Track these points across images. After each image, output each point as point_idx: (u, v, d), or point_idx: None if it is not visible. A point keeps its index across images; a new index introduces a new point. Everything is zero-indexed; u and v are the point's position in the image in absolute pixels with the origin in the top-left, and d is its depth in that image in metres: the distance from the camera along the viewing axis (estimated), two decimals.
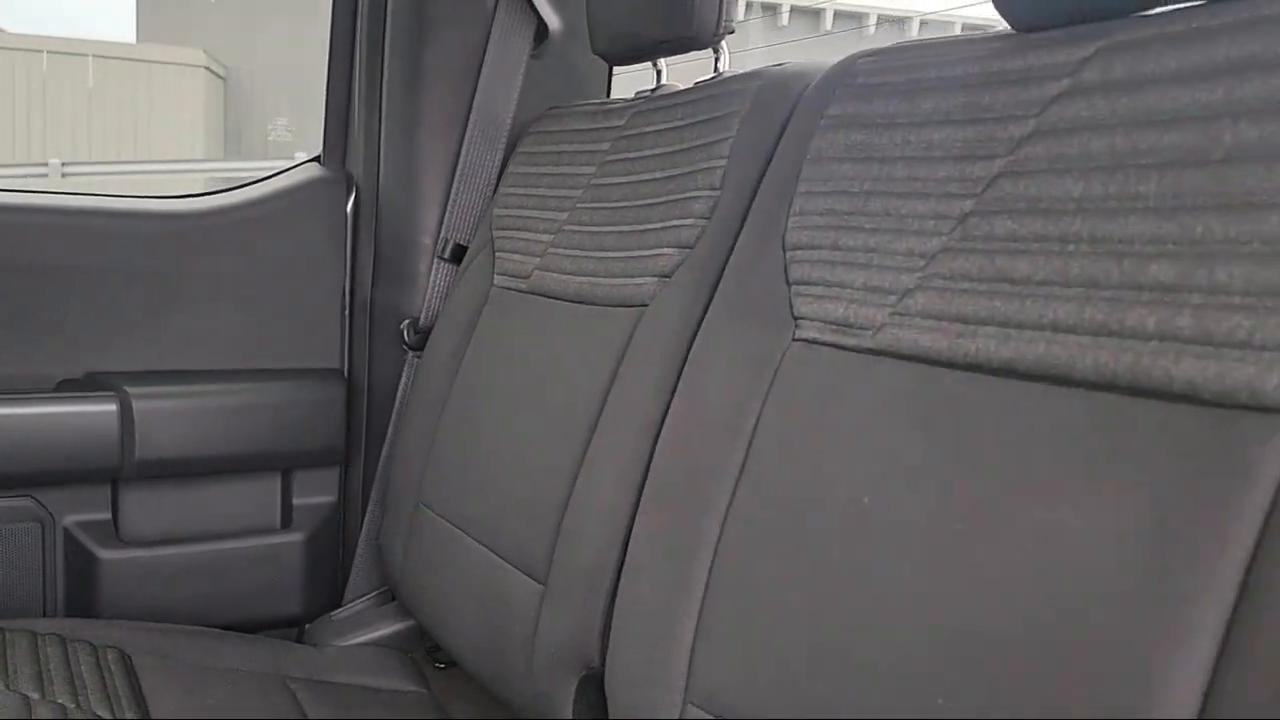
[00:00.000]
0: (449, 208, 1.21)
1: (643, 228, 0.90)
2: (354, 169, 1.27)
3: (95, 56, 10.11)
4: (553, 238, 1.03)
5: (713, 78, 0.96)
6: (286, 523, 1.23)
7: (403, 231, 1.23)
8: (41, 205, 1.13)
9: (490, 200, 1.19)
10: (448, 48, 1.20)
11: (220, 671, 1.00)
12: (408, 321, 1.22)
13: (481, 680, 0.98)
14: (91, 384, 1.12)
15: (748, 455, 0.69)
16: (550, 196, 1.06)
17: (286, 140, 10.45)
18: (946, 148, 0.65)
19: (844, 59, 0.78)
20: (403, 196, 1.23)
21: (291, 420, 1.20)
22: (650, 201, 0.91)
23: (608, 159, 1.00)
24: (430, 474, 1.08)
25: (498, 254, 1.11)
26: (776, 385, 0.69)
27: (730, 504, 0.69)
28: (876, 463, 0.61)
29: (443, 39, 1.20)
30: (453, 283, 1.19)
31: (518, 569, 0.90)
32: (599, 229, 0.97)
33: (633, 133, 0.99)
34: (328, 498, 1.25)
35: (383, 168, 1.23)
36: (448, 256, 1.20)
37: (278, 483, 1.23)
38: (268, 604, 1.21)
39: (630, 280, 0.89)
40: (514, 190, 1.14)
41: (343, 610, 1.25)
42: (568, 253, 0.99)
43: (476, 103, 1.19)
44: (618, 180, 0.97)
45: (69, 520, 1.12)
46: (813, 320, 0.69)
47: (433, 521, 1.06)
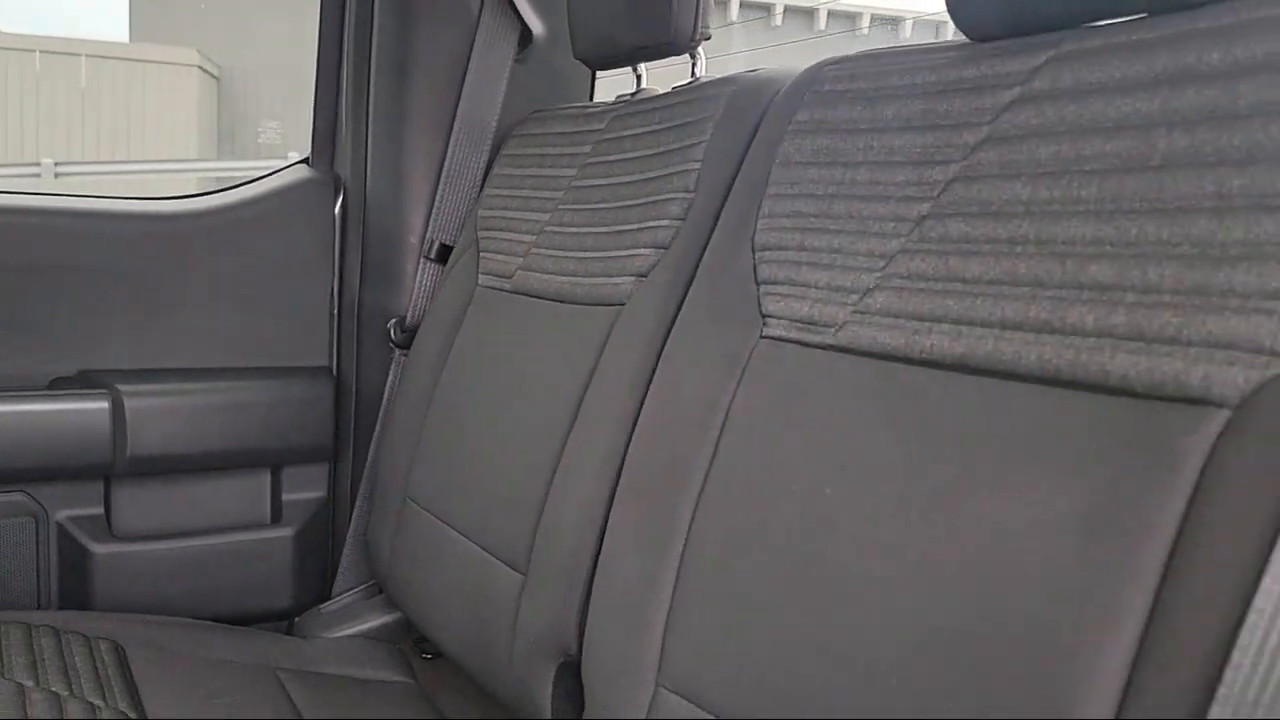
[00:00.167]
0: (435, 209, 1.23)
1: (621, 229, 0.93)
2: (342, 171, 1.29)
3: (88, 56, 10.10)
4: (535, 238, 1.05)
5: (689, 83, 0.99)
6: (276, 518, 1.26)
7: (390, 232, 1.26)
8: (35, 206, 1.15)
9: (475, 201, 1.21)
10: (433, 52, 1.22)
11: (211, 662, 1.03)
12: (395, 320, 1.24)
13: (466, 670, 1.00)
14: (84, 382, 1.15)
15: (717, 448, 0.72)
16: (533, 198, 1.09)
17: (276, 143, 10.45)
18: (906, 153, 0.68)
19: (812, 66, 0.81)
20: (390, 198, 1.26)
21: (281, 417, 1.23)
22: (628, 203, 0.94)
23: (588, 161, 1.03)
24: (417, 469, 1.11)
25: (482, 254, 1.13)
26: (745, 381, 0.72)
27: (700, 495, 0.72)
28: (837, 455, 0.63)
29: (428, 44, 1.22)
30: (439, 282, 1.21)
31: (500, 560, 0.93)
32: (579, 230, 0.99)
33: (612, 136, 1.01)
34: (317, 493, 1.28)
35: (370, 169, 1.26)
36: (434, 257, 1.23)
37: (268, 479, 1.26)
38: (258, 597, 1.24)
39: (609, 280, 0.91)
40: (498, 192, 1.16)
41: (331, 603, 1.27)
42: (549, 253, 1.02)
43: (462, 106, 1.22)
44: (598, 182, 1.00)
45: (62, 515, 1.14)
46: (779, 318, 0.72)
47: (419, 516, 1.08)
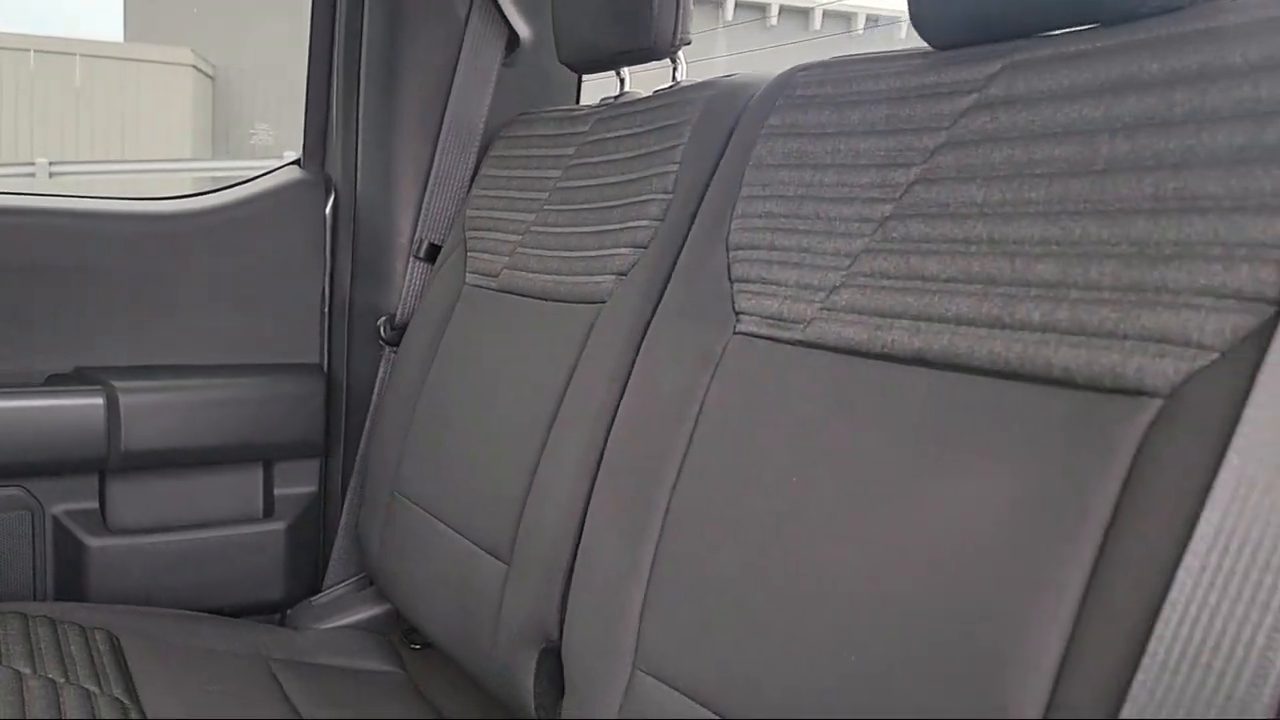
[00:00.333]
0: (424, 209, 1.26)
1: (603, 228, 0.96)
2: (333, 172, 1.32)
3: (83, 56, 10.09)
4: (521, 238, 1.08)
5: (670, 86, 1.01)
6: (268, 512, 1.28)
7: (380, 232, 1.28)
8: (30, 207, 1.18)
9: (463, 202, 1.24)
10: (422, 56, 1.25)
11: (204, 652, 1.05)
12: (384, 318, 1.27)
13: (453, 659, 1.03)
14: (79, 378, 1.17)
15: (691, 440, 0.75)
16: (519, 198, 1.11)
17: (268, 144, 10.45)
18: (871, 156, 0.70)
19: (784, 71, 0.83)
20: (380, 198, 1.28)
21: (273, 413, 1.25)
22: (610, 204, 0.96)
23: (572, 163, 1.05)
24: (405, 464, 1.13)
25: (470, 253, 1.16)
26: (718, 376, 0.75)
27: (675, 485, 0.75)
28: (804, 446, 0.66)
29: (417, 48, 1.25)
30: (427, 281, 1.24)
31: (485, 551, 0.96)
32: (564, 230, 1.02)
33: (596, 138, 1.04)
34: (308, 488, 1.30)
35: (361, 171, 1.28)
36: (423, 256, 1.26)
37: (260, 473, 1.28)
38: (250, 590, 1.26)
39: (591, 278, 0.94)
40: (485, 192, 1.19)
41: (322, 595, 1.30)
42: (535, 252, 1.04)
43: (450, 108, 1.24)
44: (581, 183, 1.02)
45: (58, 509, 1.17)
46: (751, 315, 0.74)
47: (407, 509, 1.11)
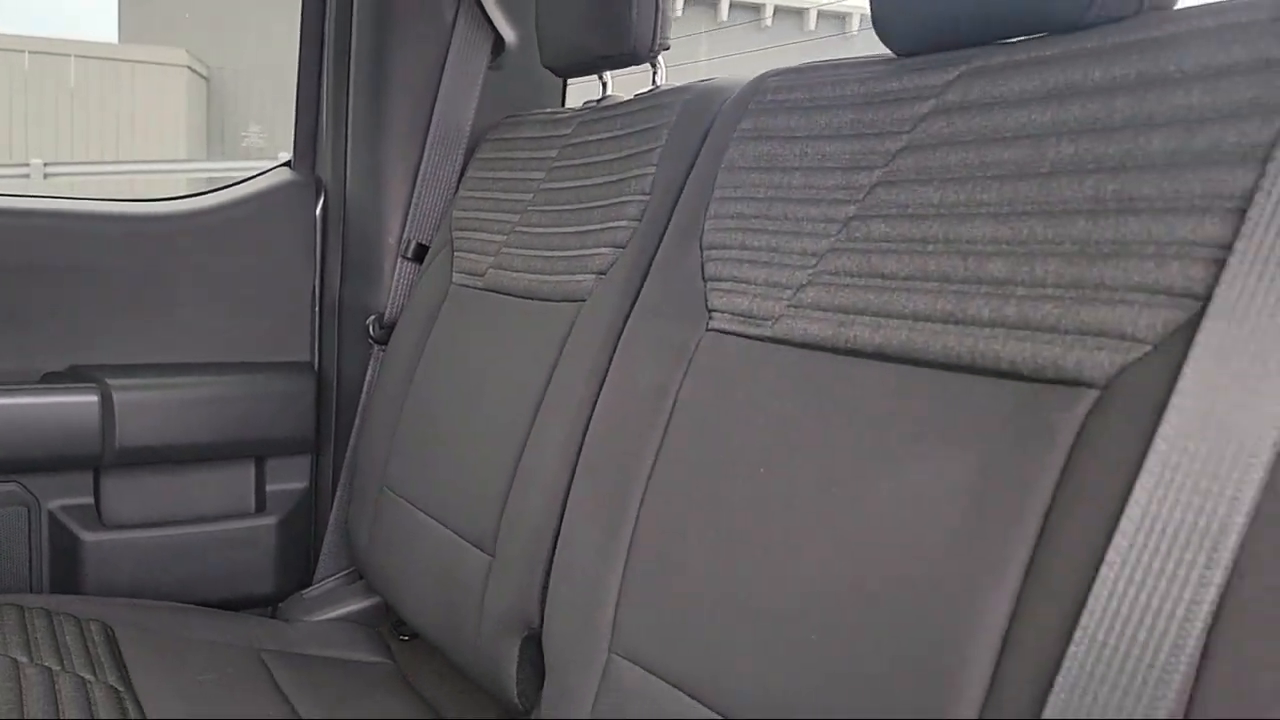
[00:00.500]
0: (412, 210, 1.28)
1: (584, 229, 0.98)
2: (323, 174, 1.34)
3: (77, 56, 10.09)
4: (506, 238, 1.11)
5: (649, 90, 1.04)
6: (260, 507, 1.31)
7: (369, 232, 1.31)
8: (26, 208, 1.20)
9: (450, 203, 1.27)
10: (410, 59, 1.28)
11: (197, 643, 1.07)
12: (373, 317, 1.29)
13: (440, 649, 1.05)
14: (74, 376, 1.19)
15: (666, 433, 0.77)
16: (504, 200, 1.14)
17: (260, 145, 10.47)
18: (836, 159, 0.73)
19: (756, 77, 0.86)
20: (369, 199, 1.31)
21: (264, 411, 1.28)
22: (591, 204, 0.99)
23: (555, 165, 1.08)
24: (394, 459, 1.16)
25: (456, 253, 1.18)
26: (691, 371, 0.78)
27: (650, 477, 0.77)
28: (771, 438, 0.69)
29: (405, 51, 1.27)
30: (415, 280, 1.27)
31: (469, 544, 0.98)
32: (547, 230, 1.04)
33: (578, 141, 1.07)
34: (299, 483, 1.33)
35: (350, 172, 1.31)
36: (411, 256, 1.28)
37: (252, 469, 1.31)
38: (243, 584, 1.29)
39: (572, 277, 0.97)
40: (472, 194, 1.21)
41: (313, 589, 1.32)
42: (519, 252, 1.07)
43: (437, 111, 1.27)
44: (564, 185, 1.05)
45: (54, 504, 1.19)
46: (723, 313, 0.77)
47: (396, 504, 1.14)
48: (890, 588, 0.57)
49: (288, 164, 1.37)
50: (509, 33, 1.30)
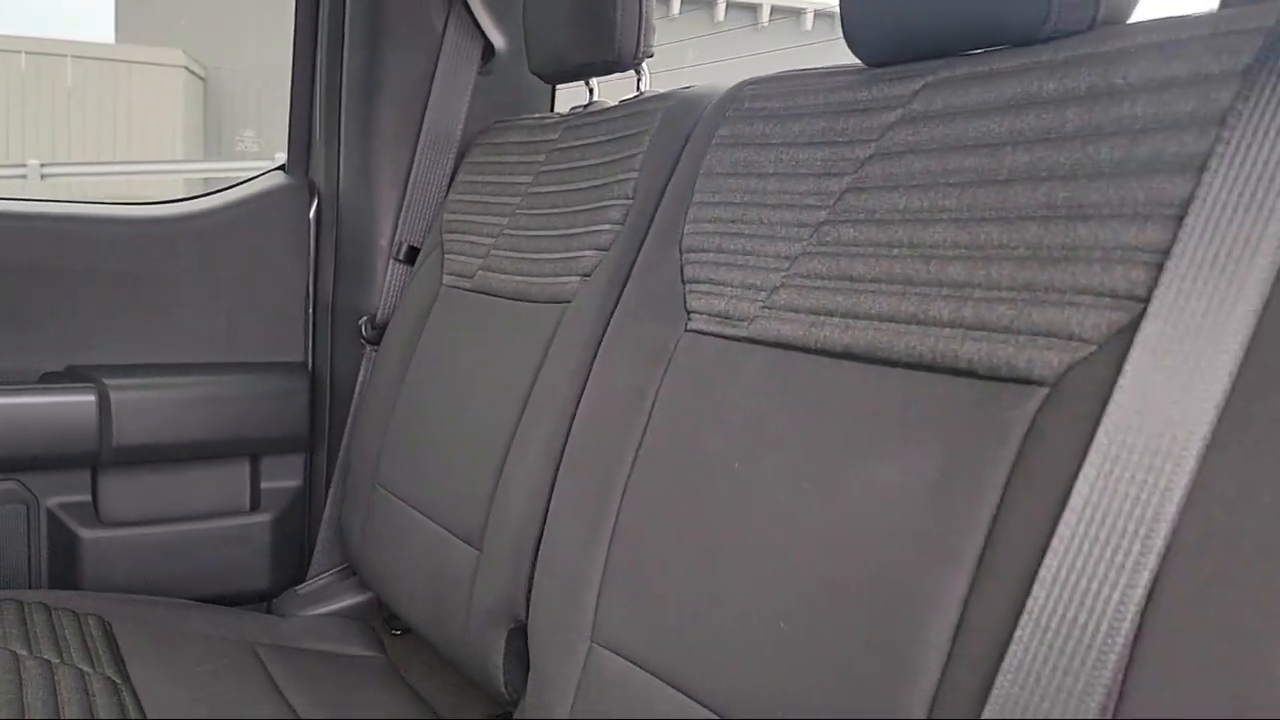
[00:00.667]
0: (403, 213, 1.31)
1: (569, 232, 1.01)
2: (316, 177, 1.37)
3: (74, 57, 10.10)
4: (495, 241, 1.13)
5: (634, 97, 1.07)
6: (255, 505, 1.33)
7: (361, 235, 1.34)
8: (26, 212, 1.23)
9: (440, 206, 1.29)
10: (401, 66, 1.30)
11: (192, 636, 1.10)
12: (366, 318, 1.32)
13: (431, 643, 1.08)
14: (72, 376, 1.22)
15: (645, 431, 0.80)
16: (493, 203, 1.17)
17: (254, 151, 10.50)
18: (809, 166, 0.76)
19: (734, 85, 0.89)
20: (361, 203, 1.33)
21: (259, 410, 1.30)
22: (577, 208, 1.02)
23: (542, 169, 1.11)
24: (385, 457, 1.18)
25: (446, 255, 1.21)
26: (670, 370, 0.80)
27: (630, 472, 0.80)
28: (745, 435, 0.71)
29: (396, 58, 1.30)
30: (406, 282, 1.29)
31: (458, 539, 1.01)
32: (534, 233, 1.07)
33: (564, 146, 1.09)
34: (293, 481, 1.35)
35: (342, 176, 1.34)
36: (402, 258, 1.31)
37: (247, 468, 1.33)
38: (238, 580, 1.31)
39: (557, 279, 0.99)
40: (462, 197, 1.24)
41: (307, 585, 1.35)
42: (507, 254, 1.10)
43: (428, 116, 1.29)
44: (550, 189, 1.08)
45: (52, 502, 1.22)
46: (701, 314, 0.80)
47: (387, 501, 1.16)
48: (855, 578, 0.60)
49: (282, 168, 1.39)
50: (498, 39, 1.33)
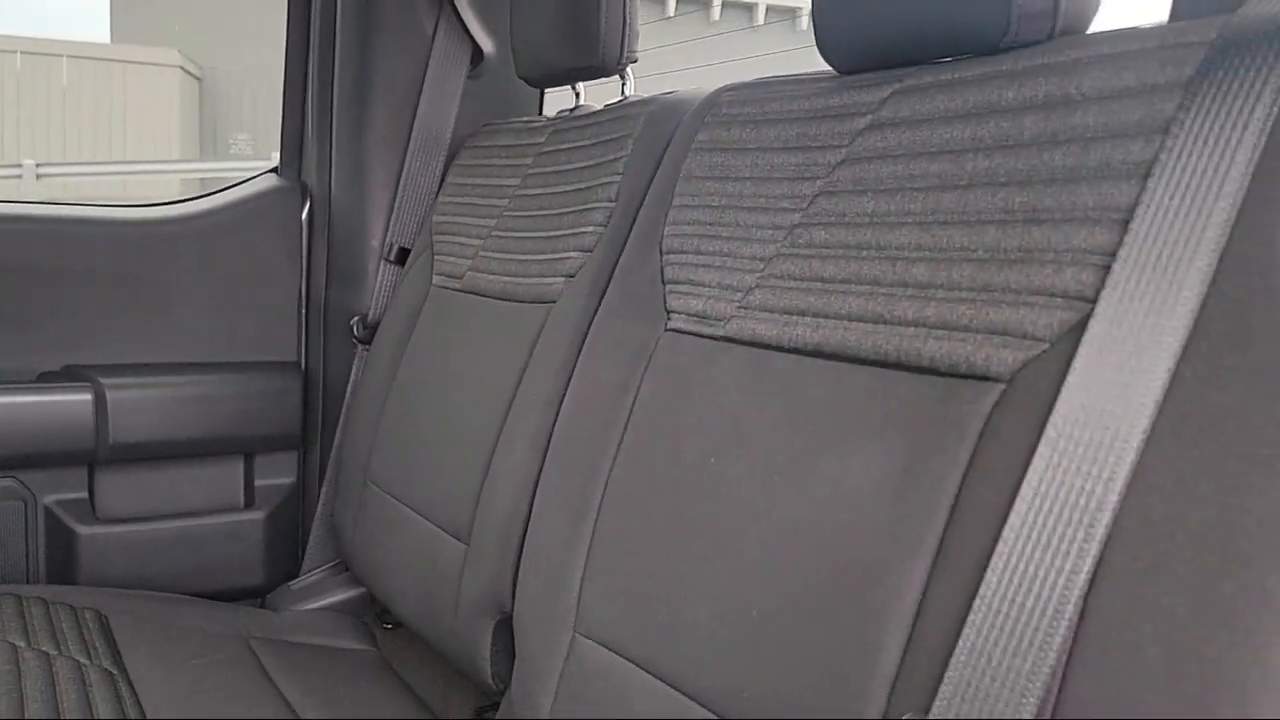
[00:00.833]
0: (394, 215, 1.33)
1: (555, 233, 1.03)
2: (309, 180, 1.39)
3: (69, 57, 10.10)
4: (483, 242, 1.16)
5: (618, 101, 1.09)
6: (249, 502, 1.36)
7: (352, 236, 1.36)
8: (23, 214, 1.25)
9: (430, 208, 1.32)
10: (392, 70, 1.32)
11: (188, 630, 1.12)
12: (357, 318, 1.34)
13: (420, 635, 1.10)
14: (69, 375, 1.24)
15: (626, 426, 0.82)
16: (482, 205, 1.19)
17: (247, 153, 10.51)
18: (783, 170, 0.78)
19: (714, 91, 0.91)
20: (353, 205, 1.36)
21: (253, 408, 1.33)
22: (562, 210, 1.04)
23: (529, 172, 1.13)
24: (377, 454, 1.21)
25: (436, 256, 1.23)
26: (650, 369, 0.83)
27: (612, 468, 0.82)
28: (722, 430, 0.74)
29: (387, 62, 1.32)
30: (397, 282, 1.31)
31: (447, 533, 1.03)
32: (521, 234, 1.09)
33: (551, 149, 1.12)
34: (287, 479, 1.38)
35: (334, 178, 1.36)
36: (393, 259, 1.33)
37: (241, 465, 1.36)
38: (232, 575, 1.33)
39: (543, 280, 1.02)
40: (451, 199, 1.26)
41: (300, 580, 1.37)
42: (495, 255, 1.12)
43: (418, 120, 1.32)
44: (537, 191, 1.10)
45: (49, 499, 1.24)
46: (680, 314, 0.82)
47: (379, 497, 1.18)
48: (823, 568, 0.62)
49: (274, 170, 1.41)
50: (487, 44, 1.35)
